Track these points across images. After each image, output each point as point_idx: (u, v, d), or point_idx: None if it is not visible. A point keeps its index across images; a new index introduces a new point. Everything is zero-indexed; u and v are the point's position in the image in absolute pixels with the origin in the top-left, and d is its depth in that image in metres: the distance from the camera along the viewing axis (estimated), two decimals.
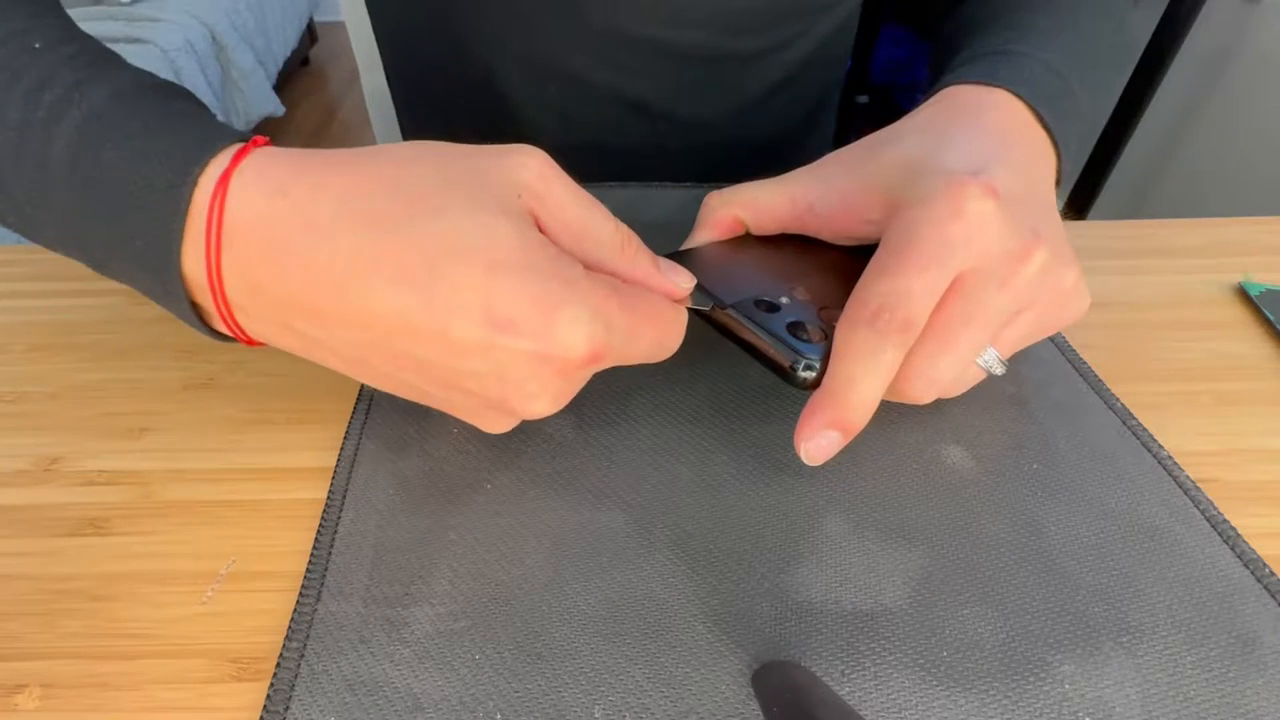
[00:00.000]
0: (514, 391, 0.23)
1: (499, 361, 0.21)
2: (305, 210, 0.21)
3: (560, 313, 0.21)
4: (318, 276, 0.21)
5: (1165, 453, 0.31)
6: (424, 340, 0.21)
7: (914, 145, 0.28)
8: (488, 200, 0.21)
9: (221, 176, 0.21)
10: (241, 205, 0.21)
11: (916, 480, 0.30)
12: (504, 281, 0.20)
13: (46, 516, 0.29)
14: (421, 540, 0.27)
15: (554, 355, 0.21)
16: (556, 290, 0.21)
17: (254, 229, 0.21)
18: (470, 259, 0.20)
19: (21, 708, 0.24)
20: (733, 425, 0.32)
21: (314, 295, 0.21)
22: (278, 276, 0.21)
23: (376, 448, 0.31)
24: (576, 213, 0.23)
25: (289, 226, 0.21)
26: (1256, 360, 0.37)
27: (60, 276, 0.42)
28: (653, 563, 0.27)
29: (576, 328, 0.21)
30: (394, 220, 0.21)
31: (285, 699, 0.23)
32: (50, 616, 0.26)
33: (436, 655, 0.24)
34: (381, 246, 0.20)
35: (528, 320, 0.21)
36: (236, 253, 0.21)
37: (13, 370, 0.36)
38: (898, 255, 0.24)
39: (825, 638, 0.25)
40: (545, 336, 0.21)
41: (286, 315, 0.22)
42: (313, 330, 0.22)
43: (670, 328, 0.25)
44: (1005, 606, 0.26)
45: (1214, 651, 0.25)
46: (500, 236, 0.21)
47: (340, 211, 0.21)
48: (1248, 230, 0.46)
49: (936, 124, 0.29)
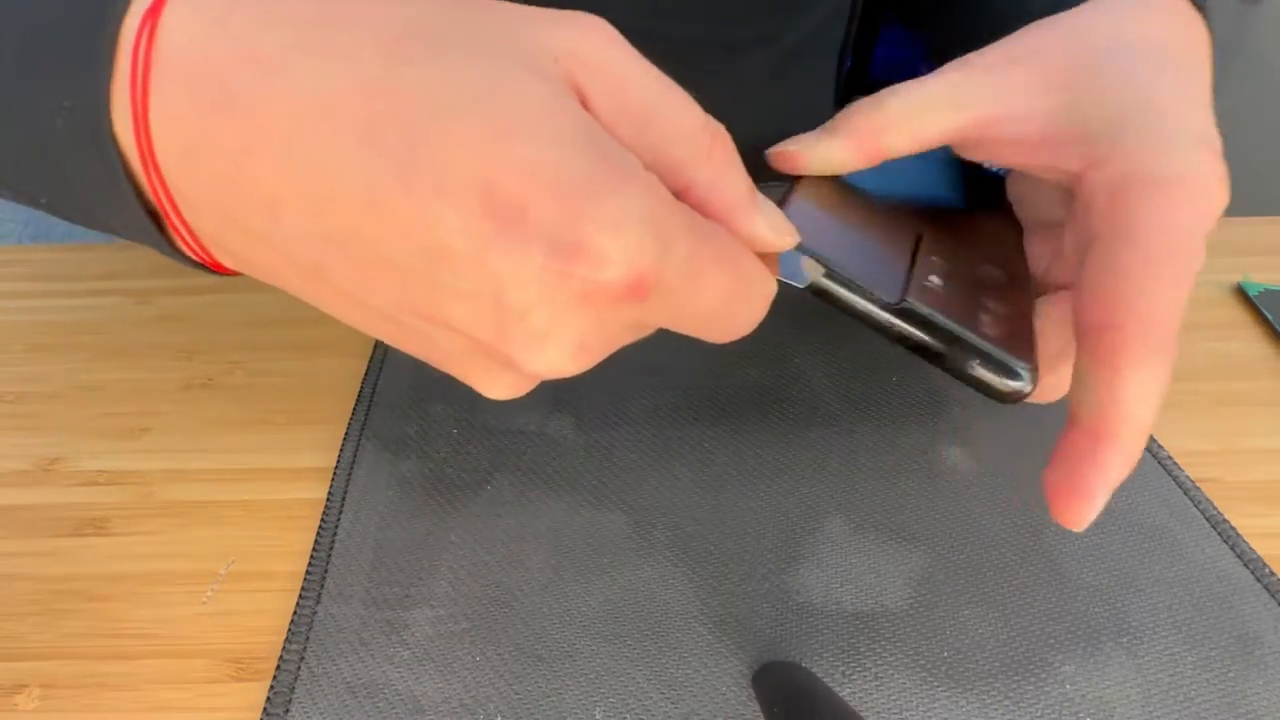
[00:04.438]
0: (515, 325, 0.15)
1: (496, 273, 0.14)
2: (250, 41, 0.15)
3: (598, 205, 0.14)
4: (262, 132, 0.15)
5: (1165, 453, 0.31)
6: (394, 232, 0.15)
7: (1141, 81, 0.21)
8: (507, 51, 0.15)
9: (152, 5, 0.15)
10: (172, 39, 0.15)
11: (917, 481, 0.30)
12: (516, 151, 0.14)
13: (46, 516, 0.29)
14: (421, 541, 0.27)
15: (577, 270, 0.14)
16: (596, 173, 0.14)
17: (186, 68, 0.15)
18: (469, 118, 0.14)
19: (21, 708, 0.24)
20: (733, 426, 0.32)
21: (256, 161, 0.15)
22: (214, 134, 0.15)
23: (376, 448, 0.31)
24: (642, 91, 0.16)
25: (228, 63, 0.15)
26: (1256, 360, 0.37)
27: (60, 277, 0.42)
28: (653, 564, 0.27)
29: (618, 235, 0.14)
30: (369, 59, 0.15)
31: (285, 701, 0.23)
32: (50, 616, 0.26)
33: (437, 657, 0.24)
34: (347, 90, 0.14)
35: (544, 209, 0.14)
36: (165, 102, 0.15)
37: (13, 370, 0.36)
38: (1154, 264, 0.19)
39: (826, 639, 0.25)
40: (566, 236, 0.14)
41: (227, 198, 0.16)
42: (257, 220, 0.16)
43: (750, 286, 0.18)
44: (1006, 607, 0.26)
45: (1214, 651, 0.25)
46: (517, 94, 0.14)
47: (297, 42, 0.15)
48: (1247, 230, 0.46)
49: (1150, 44, 0.22)
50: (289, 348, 0.37)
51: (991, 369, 0.20)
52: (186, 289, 0.41)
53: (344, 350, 0.36)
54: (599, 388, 0.34)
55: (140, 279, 0.42)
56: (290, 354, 0.37)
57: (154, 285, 0.41)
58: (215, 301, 0.40)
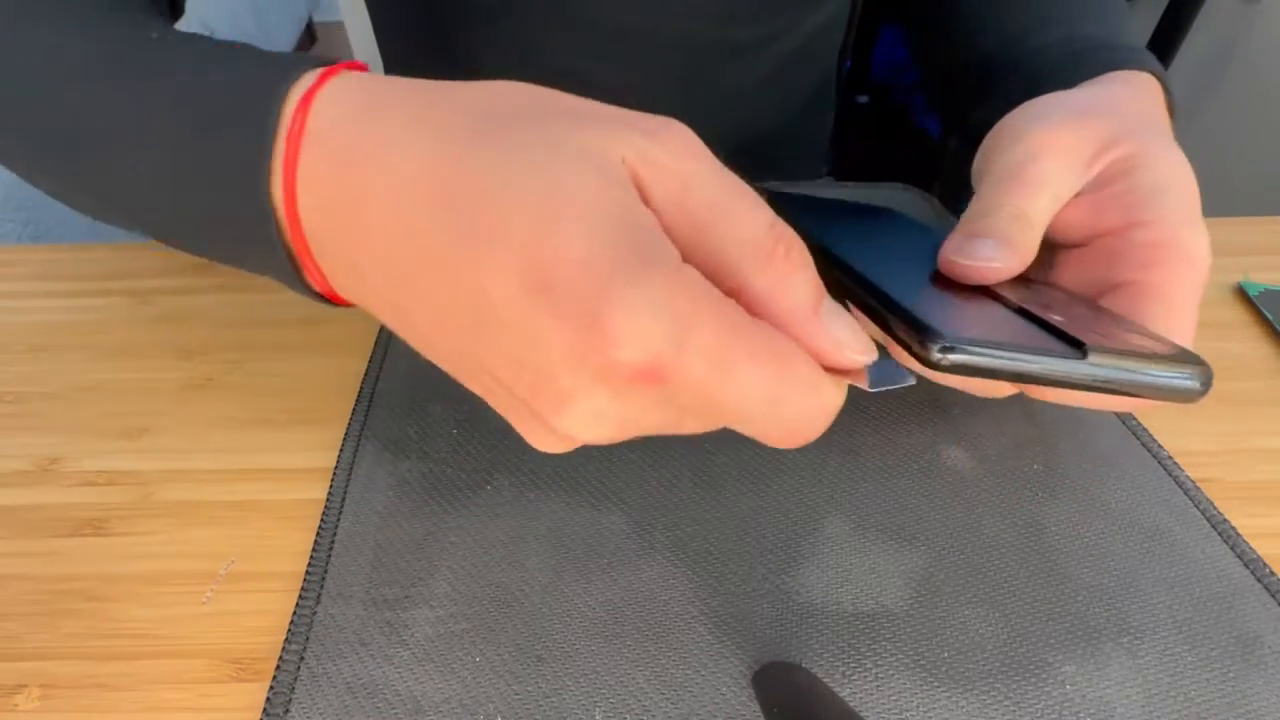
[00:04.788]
0: (544, 387, 0.17)
1: (529, 339, 0.16)
2: (373, 124, 0.18)
3: (616, 291, 0.15)
4: (372, 191, 0.18)
5: (1165, 453, 0.31)
6: (456, 292, 0.17)
7: (1171, 159, 0.25)
8: (575, 144, 0.17)
9: (309, 90, 0.19)
10: (319, 121, 0.19)
11: (917, 481, 0.30)
12: (560, 235, 0.16)
13: (46, 516, 0.29)
14: (421, 542, 0.27)
15: (595, 347, 0.16)
16: (623, 262, 0.15)
17: (328, 138, 0.19)
18: (527, 199, 0.16)
19: (21, 708, 0.24)
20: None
21: (367, 213, 0.18)
22: (339, 191, 0.19)
23: (376, 448, 0.31)
24: (706, 195, 0.17)
25: (355, 139, 0.18)
26: (1256, 360, 0.37)
27: (60, 277, 0.42)
28: (653, 564, 0.27)
29: (633, 318, 0.15)
30: (456, 138, 0.17)
31: (285, 701, 0.23)
32: (50, 616, 0.26)
33: (437, 657, 0.24)
34: (437, 164, 0.17)
35: (573, 291, 0.15)
36: (310, 165, 0.19)
37: (13, 370, 0.36)
38: (1184, 312, 0.23)
39: (826, 639, 0.25)
40: (588, 317, 0.15)
41: (345, 242, 0.19)
42: (365, 263, 0.19)
43: (800, 389, 0.17)
44: (1006, 607, 0.26)
45: (1214, 651, 0.25)
46: (573, 182, 0.16)
47: (408, 123, 0.18)
48: (1247, 230, 0.46)
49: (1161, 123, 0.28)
50: (289, 348, 0.37)
51: (1179, 380, 0.20)
52: (186, 289, 0.41)
53: (344, 350, 0.36)
54: None
55: (140, 279, 0.42)
56: (290, 354, 0.37)
57: (154, 285, 0.41)
58: (215, 301, 0.40)
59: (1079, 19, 0.36)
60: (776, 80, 0.51)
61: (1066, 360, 0.19)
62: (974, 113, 0.39)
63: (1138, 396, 0.21)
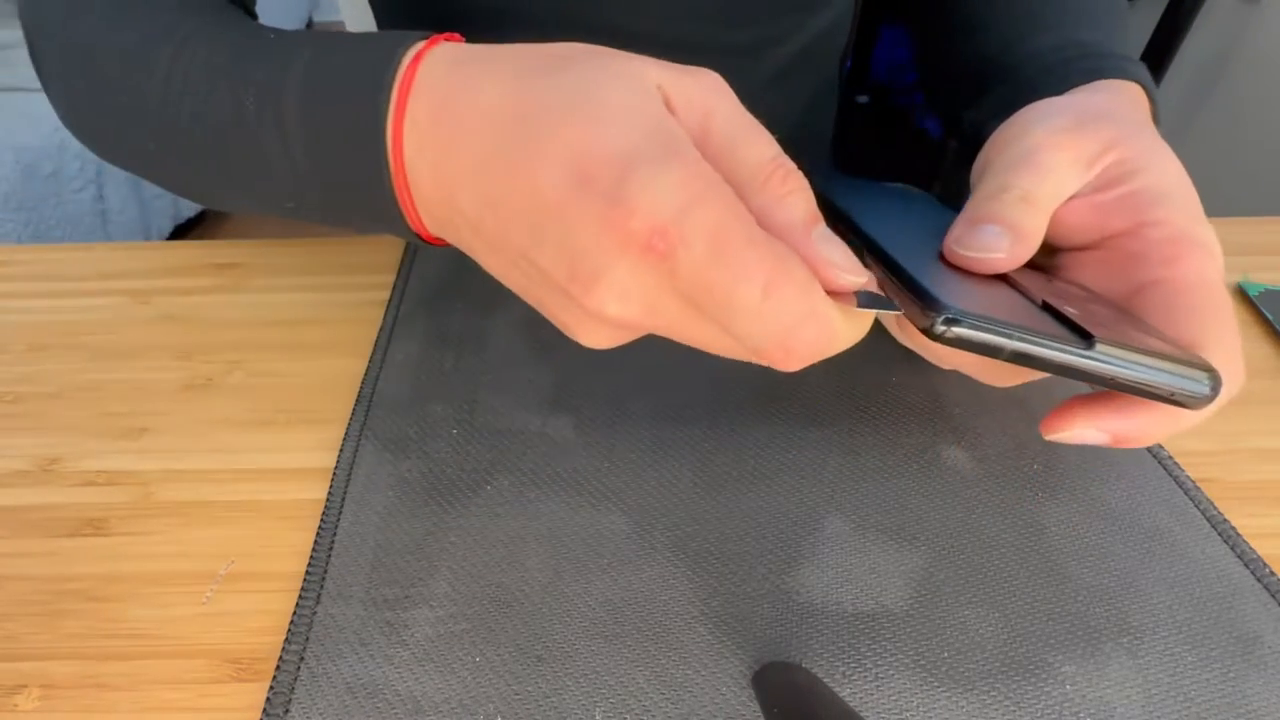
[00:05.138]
0: (579, 267, 0.19)
1: (569, 223, 0.19)
2: (465, 75, 0.22)
3: (637, 170, 0.18)
4: (460, 127, 0.21)
5: (1165, 453, 0.31)
6: (519, 192, 0.20)
7: (1170, 163, 0.26)
8: (619, 70, 0.20)
9: (417, 54, 0.23)
10: (423, 78, 0.23)
11: (917, 481, 0.30)
12: (599, 133, 0.19)
13: (46, 516, 0.29)
14: (421, 542, 0.27)
15: (617, 220, 0.18)
16: (648, 151, 0.18)
17: (429, 93, 0.22)
18: (577, 111, 0.19)
19: (21, 708, 0.24)
20: (733, 426, 0.32)
21: (455, 145, 0.22)
22: (436, 131, 0.22)
23: (376, 448, 0.31)
24: (725, 123, 0.20)
25: (450, 90, 0.22)
26: (1256, 360, 0.37)
27: (60, 276, 0.42)
28: (653, 564, 0.27)
29: (647, 191, 0.18)
30: (526, 74, 0.21)
31: (285, 701, 0.23)
32: (50, 616, 0.26)
33: (437, 657, 0.24)
34: (512, 93, 0.21)
35: (604, 175, 0.18)
36: (414, 113, 0.23)
37: (13, 370, 0.36)
38: (1223, 311, 0.24)
39: (826, 639, 0.25)
40: (613, 194, 0.18)
41: (439, 173, 0.23)
42: (451, 187, 0.22)
43: (796, 288, 0.19)
44: (1006, 607, 0.26)
45: (1214, 651, 0.25)
46: (615, 95, 0.19)
47: (490, 70, 0.22)
48: (1247, 230, 0.46)
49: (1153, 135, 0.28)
50: (289, 348, 0.37)
51: (1185, 383, 0.20)
52: (186, 289, 0.41)
53: (344, 350, 0.36)
54: (599, 388, 0.34)
55: (140, 279, 0.42)
56: (290, 354, 0.37)
57: (154, 285, 0.42)
58: (215, 301, 0.40)
59: (1073, 25, 0.36)
60: (778, 82, 0.51)
61: (1072, 348, 0.20)
62: (967, 115, 0.39)
63: (1144, 395, 0.21)
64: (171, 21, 0.28)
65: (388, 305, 0.39)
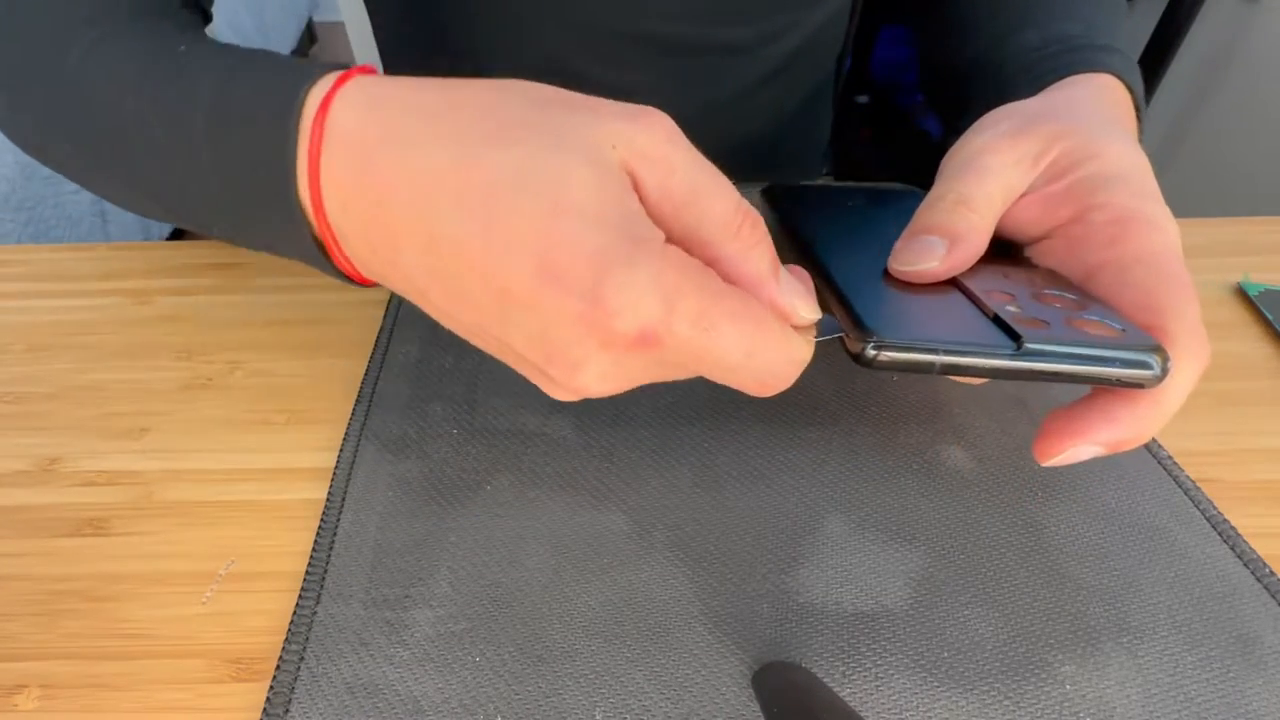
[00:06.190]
0: (558, 356, 0.20)
1: (544, 318, 0.19)
2: (392, 124, 0.20)
3: (612, 272, 0.18)
4: (391, 190, 0.20)
5: (1165, 453, 0.31)
6: (476, 278, 0.20)
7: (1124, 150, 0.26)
8: (573, 142, 0.19)
9: (325, 96, 0.21)
10: (337, 123, 0.21)
11: (917, 481, 0.30)
12: (565, 228, 0.18)
13: (46, 516, 0.29)
14: (421, 542, 0.27)
15: (598, 321, 0.18)
16: (616, 246, 0.18)
17: (347, 142, 0.21)
18: (536, 198, 0.18)
19: (21, 708, 0.24)
20: (733, 426, 0.32)
21: (387, 211, 0.20)
22: (361, 191, 0.21)
23: (376, 449, 0.31)
24: (686, 178, 0.20)
25: (375, 139, 0.20)
26: (1256, 360, 0.37)
27: (60, 276, 0.42)
28: (653, 564, 0.27)
29: (626, 293, 0.18)
30: (471, 142, 0.20)
31: (285, 701, 0.23)
32: (50, 616, 0.26)
33: (437, 657, 0.24)
34: (452, 166, 0.19)
35: (578, 275, 0.18)
36: (332, 168, 0.21)
37: (13, 370, 0.36)
38: (1178, 279, 0.23)
39: (826, 639, 0.25)
40: (590, 296, 0.18)
41: (370, 235, 0.21)
42: (389, 251, 0.21)
43: (772, 342, 0.20)
44: (1006, 607, 0.26)
45: (1214, 651, 0.25)
46: (574, 180, 0.19)
47: (423, 127, 0.20)
48: (1247, 230, 0.46)
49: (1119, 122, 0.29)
50: (289, 348, 0.37)
51: (1126, 368, 0.21)
52: (186, 289, 0.41)
53: (344, 350, 0.36)
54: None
55: (140, 279, 0.42)
56: (290, 354, 0.37)
57: (154, 285, 0.42)
58: (215, 301, 0.40)
59: (1060, 18, 0.36)
60: (776, 80, 0.51)
61: (998, 354, 0.20)
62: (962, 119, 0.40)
63: (1089, 383, 0.21)
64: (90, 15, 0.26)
65: (388, 305, 0.39)
